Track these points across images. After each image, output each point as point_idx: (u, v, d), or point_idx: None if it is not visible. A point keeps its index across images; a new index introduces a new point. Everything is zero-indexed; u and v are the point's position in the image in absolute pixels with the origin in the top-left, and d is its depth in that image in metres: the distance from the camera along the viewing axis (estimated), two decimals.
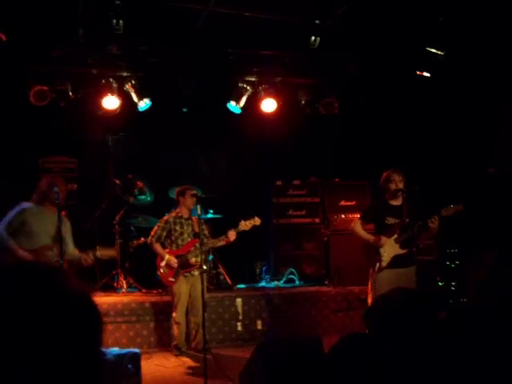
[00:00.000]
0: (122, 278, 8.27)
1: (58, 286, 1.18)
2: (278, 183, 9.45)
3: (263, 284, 9.09)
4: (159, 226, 7.24)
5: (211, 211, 8.74)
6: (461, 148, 8.47)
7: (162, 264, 7.10)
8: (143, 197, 8.66)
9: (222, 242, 7.14)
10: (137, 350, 4.91)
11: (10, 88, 7.91)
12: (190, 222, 7.25)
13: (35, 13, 6.91)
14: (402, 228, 6.33)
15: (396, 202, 6.43)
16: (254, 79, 8.89)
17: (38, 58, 7.76)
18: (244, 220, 7.04)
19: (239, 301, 7.94)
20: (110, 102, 8.28)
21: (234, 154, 10.09)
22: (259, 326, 7.93)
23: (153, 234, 7.24)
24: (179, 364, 6.74)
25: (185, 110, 9.14)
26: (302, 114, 9.19)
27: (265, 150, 9.78)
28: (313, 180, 9.55)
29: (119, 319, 7.38)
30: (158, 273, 7.17)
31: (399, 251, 6.35)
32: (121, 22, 6.94)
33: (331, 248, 9.08)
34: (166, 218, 7.28)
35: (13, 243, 5.87)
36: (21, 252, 5.83)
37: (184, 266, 7.09)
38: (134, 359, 4.75)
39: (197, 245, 7.00)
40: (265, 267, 9.36)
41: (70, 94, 8.21)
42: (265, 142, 9.57)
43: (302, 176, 9.56)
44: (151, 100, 8.49)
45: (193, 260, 7.09)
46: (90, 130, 8.74)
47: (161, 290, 7.85)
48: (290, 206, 9.41)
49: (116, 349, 4.87)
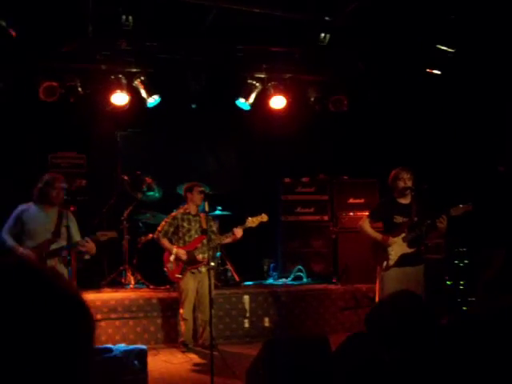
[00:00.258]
0: (129, 274, 8.29)
1: (45, 285, 1.17)
2: (287, 180, 9.43)
3: (271, 281, 9.09)
4: (166, 222, 7.24)
5: (219, 208, 8.73)
6: (470, 146, 8.41)
7: (171, 258, 7.09)
8: (151, 193, 8.67)
9: (228, 239, 7.13)
10: (143, 347, 4.92)
11: (19, 84, 7.93)
12: (197, 218, 7.24)
13: (45, 9, 6.92)
14: (410, 227, 6.30)
15: (404, 201, 6.40)
16: (263, 76, 8.86)
17: (47, 54, 7.78)
18: (251, 217, 7.03)
19: (247, 298, 7.94)
20: (119, 98, 8.29)
21: (243, 150, 10.07)
22: (266, 323, 7.93)
23: (160, 229, 7.24)
24: (186, 360, 6.75)
25: (194, 106, 9.12)
26: (311, 111, 9.15)
27: (273, 147, 9.75)
28: (321, 177, 9.52)
29: (127, 315, 7.40)
30: (165, 269, 7.17)
31: (407, 250, 6.32)
32: (130, 17, 6.95)
33: (339, 246, 9.07)
34: (173, 214, 7.28)
35: (13, 243, 5.91)
36: (21, 250, 5.86)
37: (191, 262, 7.09)
38: (141, 355, 4.76)
39: (204, 241, 6.99)
40: (273, 264, 9.36)
41: (80, 89, 8.23)
42: (273, 138, 9.54)
43: (310, 173, 9.53)
44: (160, 96, 8.49)
45: (200, 256, 7.08)
46: (98, 125, 8.76)
47: (168, 287, 7.86)
48: (299, 203, 9.39)
49: (123, 345, 4.87)
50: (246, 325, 7.86)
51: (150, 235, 8.09)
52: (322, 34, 7.57)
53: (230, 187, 9.61)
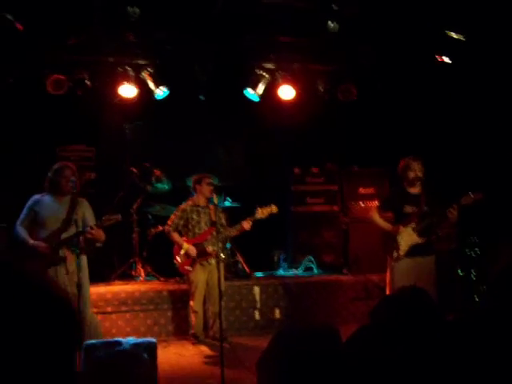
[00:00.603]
0: (139, 267, 8.28)
1: (26, 287, 1.16)
2: (296, 171, 9.37)
3: (281, 272, 9.04)
4: (176, 215, 7.22)
5: (229, 199, 8.70)
6: (481, 134, 8.33)
7: (181, 253, 7.08)
8: (160, 185, 8.64)
9: (236, 232, 7.10)
10: (153, 340, 4.90)
11: (27, 77, 7.92)
12: (207, 210, 7.21)
13: (51, 2, 6.90)
14: (420, 216, 6.25)
15: (414, 190, 6.35)
16: (271, 66, 8.79)
17: (54, 48, 7.75)
18: (260, 208, 6.99)
19: (257, 289, 7.92)
20: (127, 90, 8.26)
21: (252, 141, 10.02)
22: (277, 315, 7.91)
23: (170, 222, 7.22)
24: (196, 353, 6.75)
25: (202, 97, 9.07)
26: (320, 100, 9.08)
27: (282, 138, 9.69)
28: (331, 167, 9.46)
29: (137, 308, 7.41)
30: (175, 261, 7.15)
31: (417, 240, 6.27)
32: (136, 9, 6.91)
33: (350, 236, 9.02)
34: (182, 207, 7.25)
35: (24, 235, 5.94)
36: (31, 242, 5.89)
37: (201, 254, 7.07)
38: (150, 348, 4.73)
39: (214, 233, 6.98)
40: (283, 255, 9.31)
41: (87, 82, 8.20)
42: (282, 129, 9.48)
43: (320, 163, 9.48)
44: (168, 88, 8.45)
45: (210, 248, 7.06)
46: (107, 118, 8.74)
47: (178, 279, 7.86)
48: (308, 193, 9.34)
49: (132, 338, 4.86)
50: (257, 316, 7.85)
51: (160, 227, 8.08)
52: (331, 23, 7.51)
53: (238, 178, 9.57)
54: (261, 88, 8.77)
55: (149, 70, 8.29)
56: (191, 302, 7.08)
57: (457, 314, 2.06)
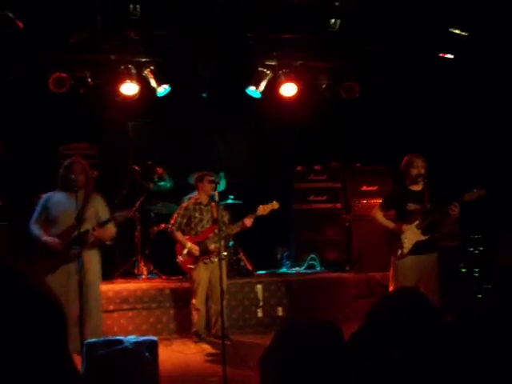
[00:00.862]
0: (142, 265, 8.27)
1: (20, 285, 1.15)
2: (299, 168, 9.34)
3: (284, 270, 9.03)
4: (179, 214, 7.20)
5: (231, 197, 8.68)
6: (484, 131, 8.29)
7: (184, 252, 7.06)
8: (163, 183, 8.63)
9: (238, 229, 7.07)
10: (154, 338, 4.89)
11: (28, 76, 7.91)
12: (209, 208, 7.19)
13: (53, 0, 6.90)
14: (423, 214, 6.22)
15: (417, 188, 6.31)
16: (273, 63, 8.76)
17: (56, 46, 7.75)
18: (262, 205, 6.95)
19: (260, 287, 7.90)
20: (129, 88, 8.25)
21: (254, 139, 10.01)
22: (280, 313, 7.89)
23: (173, 222, 7.20)
24: (199, 351, 6.74)
25: (204, 95, 9.05)
26: (323, 98, 9.06)
27: (285, 135, 9.67)
28: (334, 165, 9.42)
29: (139, 306, 7.40)
30: (177, 260, 7.13)
31: (421, 237, 6.24)
32: (137, 6, 6.90)
33: (353, 234, 9.00)
34: (185, 205, 7.23)
35: (38, 232, 5.93)
36: (44, 238, 5.88)
37: (203, 252, 7.04)
38: (152, 347, 4.73)
39: (216, 231, 6.96)
40: (286, 253, 9.29)
41: (89, 80, 8.20)
42: (285, 126, 9.46)
43: (323, 161, 9.44)
44: (170, 85, 8.43)
45: (212, 246, 7.03)
46: (109, 116, 8.74)
47: (181, 277, 7.84)
48: (311, 191, 9.30)
49: (133, 337, 4.85)
50: (259, 314, 7.83)
51: (163, 225, 8.07)
52: (332, 20, 7.48)
53: (241, 176, 9.54)
54: (263, 85, 8.76)
55: (151, 67, 8.28)
56: (193, 300, 7.06)
57: (456, 315, 2.03)
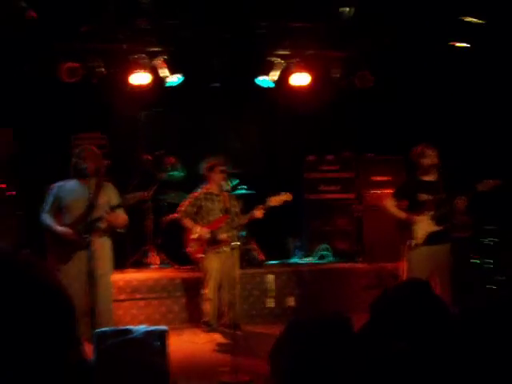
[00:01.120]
0: (153, 254, 8.29)
1: (27, 277, 1.14)
2: (311, 158, 9.30)
3: (295, 260, 9.02)
4: (190, 202, 7.19)
5: (243, 187, 8.66)
6: (499, 121, 8.20)
7: (194, 237, 7.04)
8: (175, 172, 8.64)
9: (247, 220, 7.05)
10: (164, 328, 4.89)
11: (41, 66, 7.92)
12: (220, 197, 7.17)
13: None
14: (437, 204, 6.17)
15: (429, 178, 6.27)
16: (286, 52, 8.71)
17: (68, 35, 7.74)
18: (273, 196, 6.91)
19: (271, 277, 7.90)
20: (141, 78, 8.25)
21: (267, 128, 9.97)
22: (291, 303, 7.88)
23: (183, 209, 7.20)
24: (209, 340, 6.75)
25: (216, 84, 9.02)
26: (335, 87, 8.99)
27: (298, 125, 9.62)
28: (346, 155, 9.37)
29: (150, 295, 7.43)
30: (187, 250, 7.13)
31: (434, 228, 6.21)
32: None
33: (364, 224, 8.97)
34: (196, 195, 7.22)
35: (50, 221, 5.93)
36: (57, 228, 5.87)
37: (214, 242, 7.03)
38: (162, 336, 4.74)
39: (227, 221, 6.95)
40: (297, 243, 9.28)
41: (102, 70, 8.20)
42: (297, 116, 9.41)
43: (335, 151, 9.39)
44: (183, 75, 8.41)
45: (223, 236, 7.02)
46: (121, 106, 8.72)
47: (193, 266, 7.84)
48: (323, 181, 9.27)
49: (143, 326, 4.86)
50: (270, 304, 7.83)
51: (175, 215, 8.08)
52: (346, 8, 7.40)
53: (253, 165, 9.52)
54: (275, 74, 8.71)
55: (163, 57, 8.26)
56: (205, 290, 7.05)
57: (463, 308, 2.01)
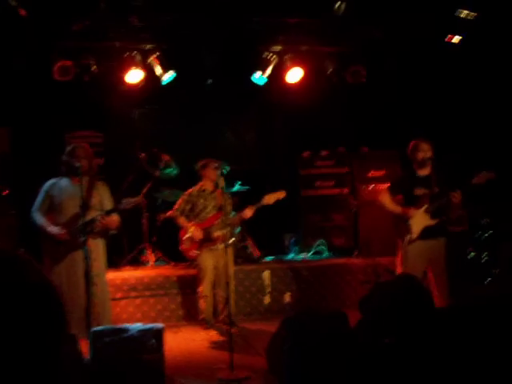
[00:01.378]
0: (149, 252, 8.29)
1: (16, 275, 1.14)
2: (306, 154, 9.30)
3: (292, 256, 9.02)
4: (183, 199, 7.20)
5: (239, 183, 8.65)
6: (493, 114, 8.21)
7: (188, 235, 7.05)
8: (169, 170, 8.62)
9: (238, 220, 7.05)
10: (160, 325, 4.89)
11: (33, 64, 7.88)
12: (214, 195, 7.17)
13: None
14: (431, 198, 6.18)
15: (424, 172, 6.27)
16: (279, 48, 8.69)
17: (60, 34, 7.71)
18: (268, 194, 6.88)
19: (267, 273, 7.89)
20: (134, 75, 8.22)
21: (261, 124, 9.96)
22: (287, 299, 7.88)
23: (176, 206, 7.20)
24: (206, 337, 6.75)
25: (210, 81, 9.00)
26: (329, 83, 8.99)
27: (291, 121, 9.63)
28: (341, 150, 9.37)
29: (147, 293, 7.41)
30: (181, 247, 7.13)
31: (429, 222, 6.20)
32: None
33: (360, 219, 8.98)
34: (189, 192, 7.22)
35: (42, 221, 5.85)
36: (49, 228, 5.80)
37: (207, 240, 7.03)
38: (158, 334, 4.74)
39: (221, 218, 6.95)
40: (293, 239, 9.28)
41: (94, 68, 8.16)
42: (291, 112, 9.41)
43: (330, 146, 9.39)
44: (176, 72, 8.39)
45: (217, 233, 7.02)
46: (115, 103, 8.71)
47: (188, 263, 7.83)
48: (318, 177, 9.27)
49: (139, 324, 4.86)
50: (267, 300, 7.83)
51: (170, 212, 8.07)
52: (338, 3, 7.40)
53: (248, 162, 9.51)
54: (269, 70, 8.70)
55: (156, 54, 8.24)
56: (200, 288, 7.05)
57: (452, 302, 2.01)
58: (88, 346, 4.66)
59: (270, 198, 6.83)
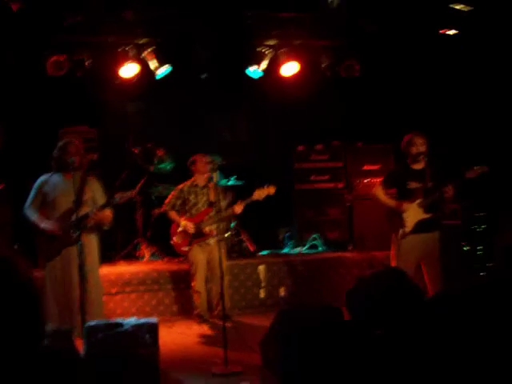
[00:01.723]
0: (143, 247, 8.29)
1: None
2: (300, 148, 9.30)
3: (286, 250, 9.03)
4: (173, 195, 7.22)
5: (233, 177, 8.65)
6: (487, 108, 8.22)
7: (179, 229, 7.05)
8: (163, 165, 8.61)
9: (228, 215, 7.06)
10: (154, 320, 4.89)
11: (26, 59, 7.84)
12: (205, 190, 7.16)
13: None
14: (424, 192, 6.19)
15: (418, 166, 6.27)
16: (273, 43, 8.68)
17: (53, 28, 7.67)
18: (258, 190, 6.86)
19: (262, 268, 7.90)
20: (128, 70, 8.20)
21: (255, 119, 9.95)
22: (282, 293, 7.89)
23: (167, 201, 7.24)
24: (201, 332, 6.76)
25: (204, 75, 8.98)
26: (324, 77, 8.98)
27: (286, 115, 9.62)
28: (335, 144, 9.37)
29: (141, 288, 7.41)
30: (172, 242, 7.14)
31: (423, 216, 6.21)
32: None
33: (355, 213, 9.00)
34: (180, 187, 7.23)
35: (36, 217, 5.84)
36: (43, 224, 5.80)
37: (198, 235, 7.04)
38: (152, 329, 4.74)
39: (211, 214, 6.95)
40: (288, 233, 9.29)
41: (88, 63, 8.13)
42: (286, 106, 9.40)
43: (324, 140, 9.39)
44: (170, 66, 8.37)
45: (207, 229, 7.02)
46: (108, 98, 8.68)
47: (182, 259, 7.84)
48: (313, 171, 9.27)
49: (133, 319, 4.85)
50: (262, 295, 7.83)
51: (164, 207, 8.07)
52: None
53: (242, 156, 9.51)
54: (264, 64, 8.68)
55: (149, 49, 8.21)
56: (193, 283, 7.06)
57: (436, 294, 2.02)
58: (82, 340, 4.66)
59: (260, 194, 6.81)
